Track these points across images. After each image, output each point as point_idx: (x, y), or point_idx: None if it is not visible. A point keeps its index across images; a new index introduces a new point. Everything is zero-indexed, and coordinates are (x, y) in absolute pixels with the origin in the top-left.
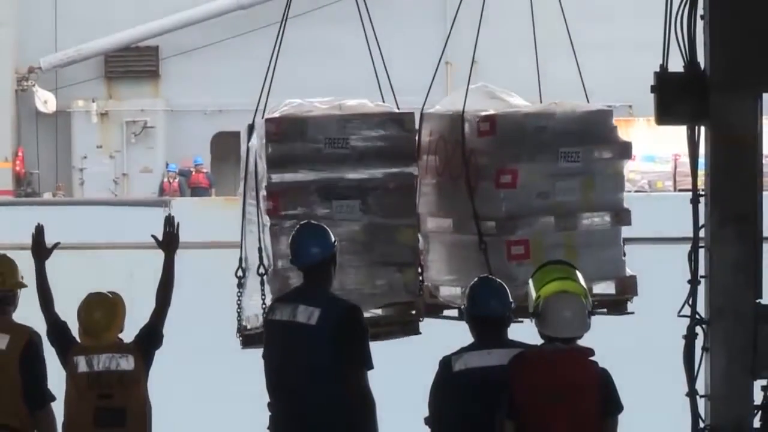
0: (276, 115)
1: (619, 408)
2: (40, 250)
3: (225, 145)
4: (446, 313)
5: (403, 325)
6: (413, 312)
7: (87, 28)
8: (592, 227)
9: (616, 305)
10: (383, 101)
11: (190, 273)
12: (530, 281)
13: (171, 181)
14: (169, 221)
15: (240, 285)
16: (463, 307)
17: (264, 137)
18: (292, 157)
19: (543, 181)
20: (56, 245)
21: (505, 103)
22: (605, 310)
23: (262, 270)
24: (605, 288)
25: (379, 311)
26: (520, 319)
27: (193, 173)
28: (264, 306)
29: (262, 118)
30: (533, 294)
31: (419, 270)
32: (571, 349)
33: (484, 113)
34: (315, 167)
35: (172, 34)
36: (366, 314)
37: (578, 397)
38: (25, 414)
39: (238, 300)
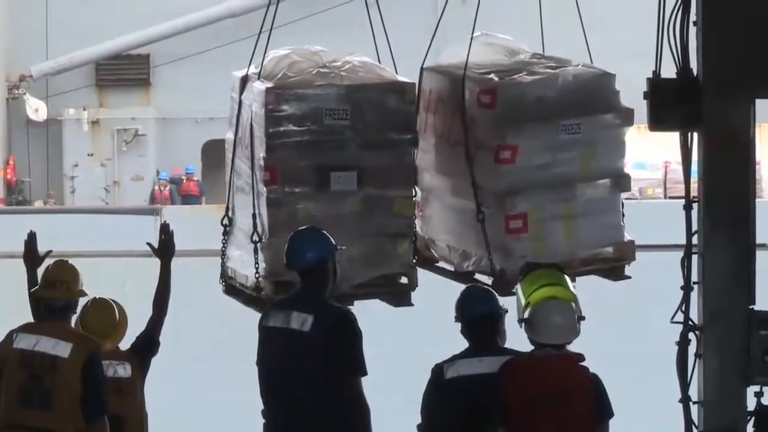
0: (273, 84)
1: (609, 413)
2: (32, 257)
3: (216, 153)
4: (440, 266)
5: (396, 294)
6: (404, 281)
7: (78, 36)
8: (591, 196)
9: (614, 271)
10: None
11: (180, 280)
12: (518, 287)
13: (162, 189)
14: (165, 229)
15: (225, 233)
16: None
17: (263, 106)
18: (291, 128)
19: (543, 154)
20: (48, 253)
21: (506, 55)
22: (602, 274)
23: (255, 237)
24: (603, 253)
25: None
26: (513, 291)
27: (184, 181)
28: (258, 275)
29: (258, 74)
30: (522, 300)
31: (413, 239)
32: (562, 355)
33: (485, 81)
34: (314, 138)
35: (163, 42)
36: (359, 281)
37: (570, 402)
38: (81, 423)
39: (223, 247)
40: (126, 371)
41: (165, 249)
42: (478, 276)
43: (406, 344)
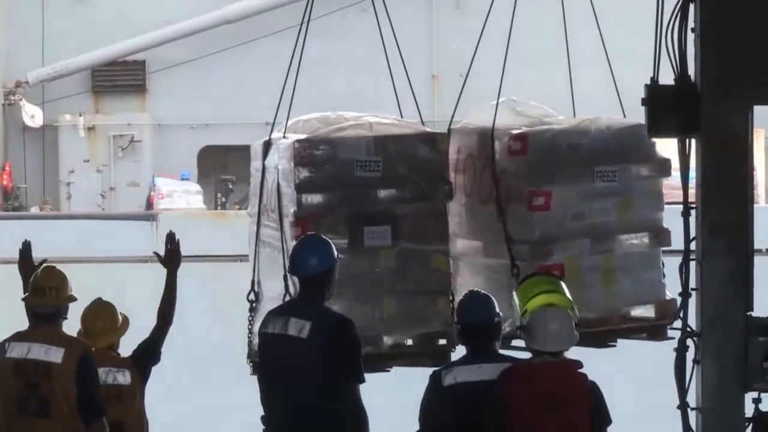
0: (304, 136)
1: (607, 421)
2: (27, 265)
3: (211, 159)
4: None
5: (433, 354)
6: (444, 342)
7: (74, 42)
8: (630, 249)
9: (656, 331)
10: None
11: (177, 285)
12: (514, 294)
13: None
14: (171, 239)
15: (252, 309)
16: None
17: (291, 159)
18: (321, 180)
19: (578, 201)
20: (43, 262)
21: (534, 118)
22: (644, 335)
23: (288, 298)
24: (644, 312)
25: (409, 341)
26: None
27: None
28: None
29: (283, 135)
30: (519, 308)
31: (451, 298)
32: (560, 362)
33: (515, 131)
34: (345, 191)
35: (159, 48)
36: (395, 341)
37: (568, 409)
38: (81, 426)
39: (250, 325)
40: (126, 378)
41: (171, 259)
42: (514, 343)
43: None
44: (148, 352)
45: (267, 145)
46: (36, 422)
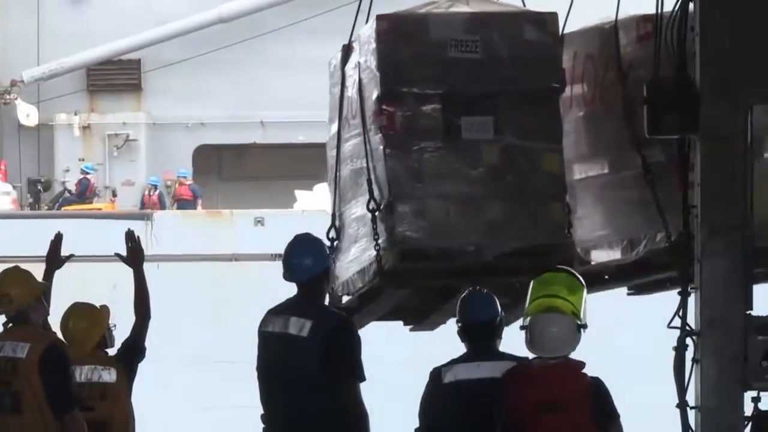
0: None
1: (614, 416)
2: (54, 257)
3: (207, 158)
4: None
5: (543, 271)
6: (560, 262)
7: (69, 41)
8: None
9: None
10: None
11: (171, 285)
12: (529, 289)
13: (151, 194)
14: (131, 237)
15: (332, 248)
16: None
17: (373, 37)
18: (410, 63)
19: None
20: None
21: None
22: None
23: (373, 205)
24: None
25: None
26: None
27: (177, 186)
28: (378, 247)
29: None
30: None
31: (567, 210)
32: (560, 363)
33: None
34: (438, 75)
35: (154, 47)
36: (498, 251)
37: (571, 409)
38: (52, 421)
39: (332, 265)
40: (111, 376)
41: (135, 256)
42: (652, 258)
43: (405, 348)
44: (133, 350)
45: (347, 51)
46: (9, 420)
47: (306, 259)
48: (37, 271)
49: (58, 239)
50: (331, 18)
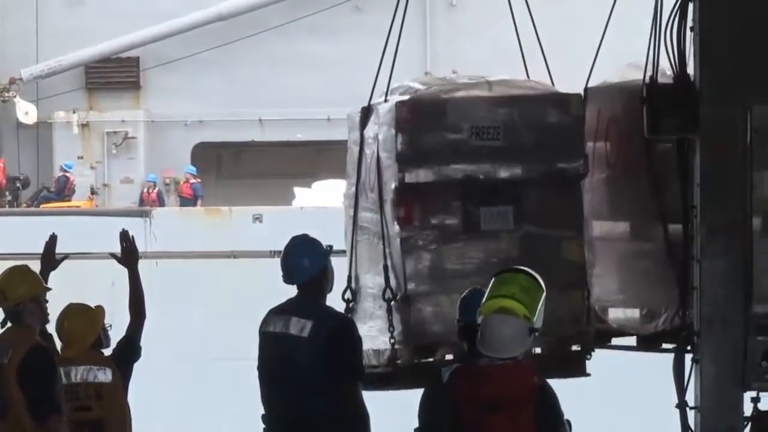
0: (408, 97)
1: (556, 424)
2: (49, 258)
3: (205, 156)
4: (616, 341)
5: (566, 362)
6: (578, 347)
7: (68, 39)
8: None
9: None
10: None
11: (169, 282)
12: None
13: (150, 191)
14: (125, 237)
15: (348, 310)
16: None
17: (392, 125)
18: (429, 151)
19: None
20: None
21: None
22: None
23: (389, 294)
24: None
25: (537, 349)
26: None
27: (182, 183)
28: (392, 340)
29: (384, 99)
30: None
31: (586, 294)
32: (509, 363)
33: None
34: (458, 163)
35: (153, 45)
36: None
37: (515, 409)
38: (30, 425)
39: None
40: (107, 376)
41: (129, 256)
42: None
43: None
44: (128, 349)
45: (366, 113)
46: None
47: (303, 261)
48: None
49: (52, 240)
50: (330, 15)
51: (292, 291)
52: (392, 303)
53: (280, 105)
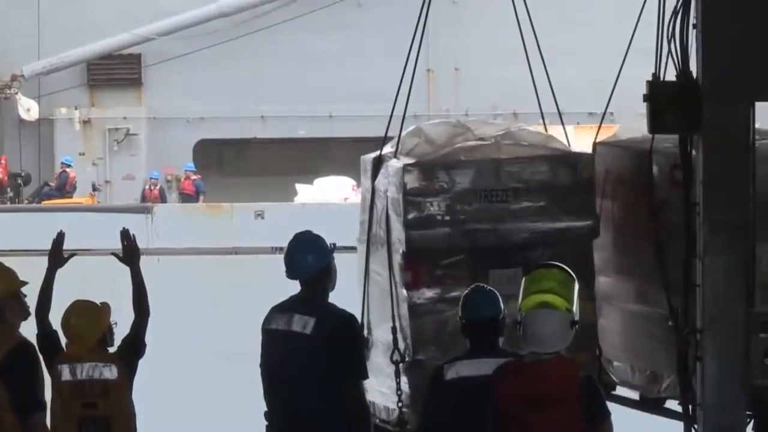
0: (413, 160)
1: (605, 415)
2: (57, 256)
3: (207, 153)
4: (619, 392)
5: None
6: None
7: (69, 35)
8: None
9: None
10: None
11: (171, 278)
12: (522, 284)
13: (152, 188)
14: (126, 235)
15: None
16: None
17: (400, 189)
18: (436, 215)
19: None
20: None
21: None
22: None
23: (397, 356)
24: None
25: None
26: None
27: (183, 180)
28: (400, 403)
29: (394, 154)
30: (519, 303)
31: (598, 353)
32: (552, 359)
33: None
34: (467, 228)
35: (155, 41)
36: None
37: (560, 406)
38: (14, 424)
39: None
40: (112, 373)
41: (130, 254)
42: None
43: None
44: (133, 346)
45: (378, 162)
46: None
47: (307, 257)
48: (34, 265)
49: (60, 238)
50: (332, 12)
51: (294, 288)
52: (400, 365)
53: (281, 102)
